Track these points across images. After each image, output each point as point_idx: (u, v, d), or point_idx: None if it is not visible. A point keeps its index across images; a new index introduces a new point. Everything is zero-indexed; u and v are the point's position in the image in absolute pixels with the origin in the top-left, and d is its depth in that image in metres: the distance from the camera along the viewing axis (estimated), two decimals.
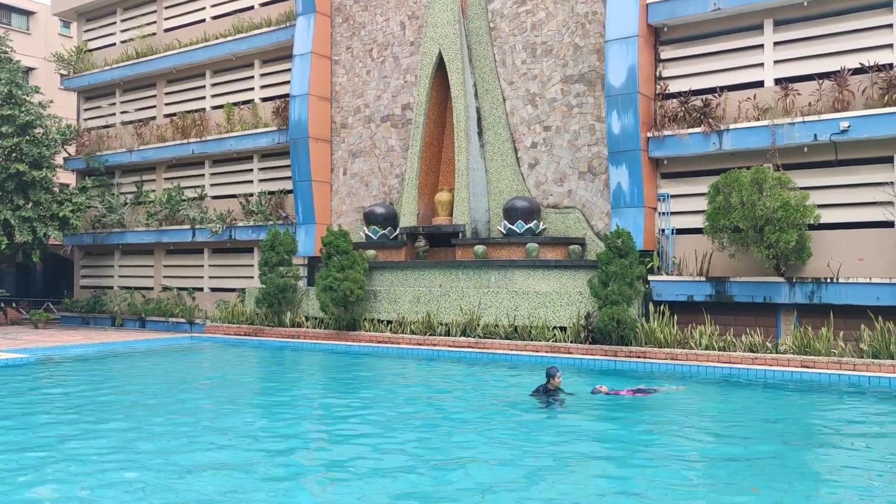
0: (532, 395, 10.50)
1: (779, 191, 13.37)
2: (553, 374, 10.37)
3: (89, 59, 26.73)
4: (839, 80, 14.03)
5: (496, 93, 18.34)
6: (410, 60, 19.79)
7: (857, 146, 14.01)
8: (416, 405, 10.64)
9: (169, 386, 12.75)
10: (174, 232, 23.59)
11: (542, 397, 10.30)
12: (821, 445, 8.49)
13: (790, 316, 14.15)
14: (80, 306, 25.49)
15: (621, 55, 15.67)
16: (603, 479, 7.04)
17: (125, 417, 9.76)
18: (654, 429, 9.27)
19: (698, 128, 15.22)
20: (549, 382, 10.36)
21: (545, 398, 10.26)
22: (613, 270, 14.20)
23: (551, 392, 10.31)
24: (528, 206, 17.05)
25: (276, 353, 17.19)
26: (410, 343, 16.60)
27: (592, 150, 16.98)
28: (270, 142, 21.60)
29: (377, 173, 20.28)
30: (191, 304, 23.26)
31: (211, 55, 23.17)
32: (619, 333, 14.35)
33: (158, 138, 24.49)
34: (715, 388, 12.21)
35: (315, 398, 11.83)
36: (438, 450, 8.04)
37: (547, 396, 10.28)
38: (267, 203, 21.84)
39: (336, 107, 21.10)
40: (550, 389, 10.32)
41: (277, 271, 19.04)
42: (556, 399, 10.23)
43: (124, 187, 25.98)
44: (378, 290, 18.11)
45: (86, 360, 15.91)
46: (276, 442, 8.42)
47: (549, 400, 10.21)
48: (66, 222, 23.37)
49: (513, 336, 15.77)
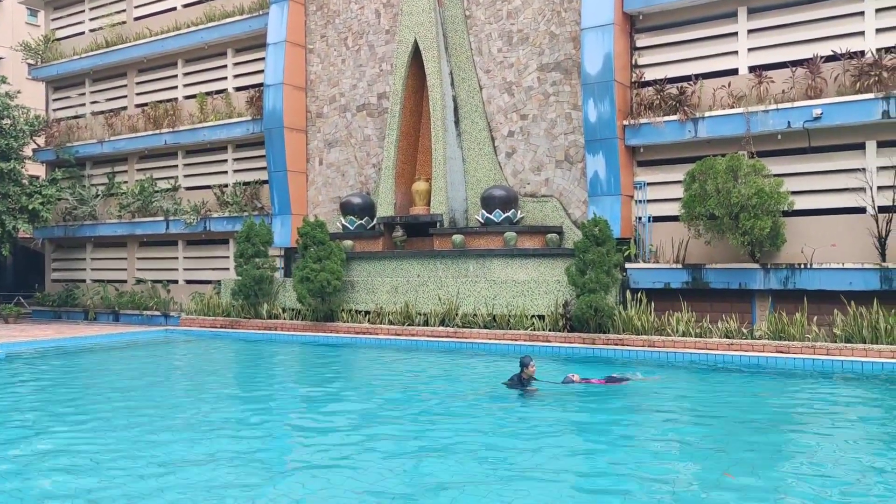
0: (506, 384, 10.41)
1: (753, 178, 13.47)
2: (527, 364, 10.23)
3: (57, 49, 26.22)
4: (812, 67, 14.15)
5: (472, 81, 18.27)
6: (386, 49, 19.64)
7: (829, 133, 14.16)
8: (391, 397, 10.57)
9: (143, 380, 12.59)
10: (147, 224, 23.28)
11: (517, 386, 10.24)
12: (794, 430, 8.58)
13: (765, 302, 14.30)
14: (51, 300, 25.09)
15: (597, 43, 15.67)
16: (578, 464, 7.07)
17: (97, 413, 9.61)
18: (628, 416, 9.32)
19: (674, 116, 15.29)
20: (523, 371, 10.22)
21: (519, 387, 10.20)
22: (591, 258, 14.25)
23: (525, 381, 10.22)
24: (506, 195, 17.04)
25: (252, 346, 17.05)
26: (389, 334, 16.55)
27: (569, 138, 16.99)
28: (245, 132, 21.36)
29: (353, 163, 20.15)
30: (165, 296, 22.99)
31: (182, 44, 22.82)
32: (597, 321, 14.41)
33: (130, 129, 24.11)
34: (691, 375, 12.31)
35: (290, 391, 11.74)
36: (414, 441, 8.01)
37: (521, 386, 10.22)
38: (242, 194, 21.62)
39: (311, 96, 20.91)
40: (524, 379, 10.23)
41: (253, 263, 18.88)
42: (531, 388, 10.17)
43: (95, 179, 25.56)
44: (356, 281, 18.02)
45: (58, 355, 15.66)
46: (249, 436, 8.34)
47: (523, 389, 10.15)
48: (37, 215, 22.96)
49: (491, 325, 15.78)
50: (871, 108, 13.44)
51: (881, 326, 12.52)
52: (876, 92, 13.39)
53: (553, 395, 10.15)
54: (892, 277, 12.93)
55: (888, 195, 13.58)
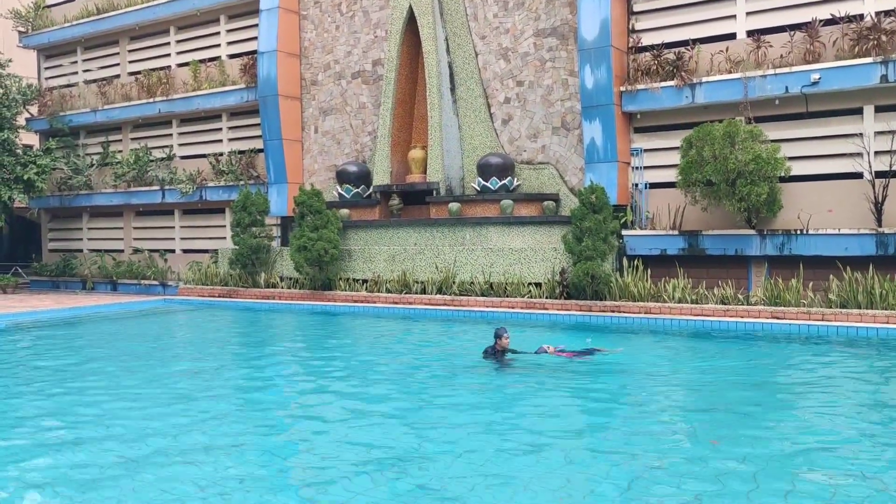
0: (483, 356, 10.19)
1: (750, 144, 13.43)
2: (500, 335, 10.00)
3: (48, 16, 25.87)
4: (810, 31, 14.02)
5: (468, 47, 18.09)
6: (380, 15, 19.41)
7: (827, 98, 14.08)
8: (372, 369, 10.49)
9: (145, 350, 12.66)
10: (143, 193, 23.20)
11: (492, 358, 10.04)
12: (788, 395, 8.68)
13: (761, 268, 14.35)
14: (49, 270, 25.10)
15: (594, 8, 15.49)
16: (565, 437, 7.14)
17: (102, 384, 9.68)
18: (615, 385, 9.27)
19: (671, 81, 15.17)
20: (497, 343, 10.03)
21: (494, 359, 10.01)
22: (587, 226, 14.25)
23: (499, 353, 10.03)
24: (502, 163, 16.98)
25: (250, 315, 17.12)
26: (387, 302, 16.61)
27: (566, 104, 16.88)
28: (239, 100, 21.19)
29: (349, 131, 20.03)
30: (163, 266, 23.00)
31: (175, 10, 22.52)
32: (594, 288, 14.47)
33: (123, 97, 23.90)
34: (688, 341, 12.40)
35: (287, 360, 11.81)
36: (392, 419, 8.08)
37: (495, 357, 10.02)
38: (237, 163, 21.52)
39: (305, 63, 20.71)
40: (499, 350, 10.03)
41: (250, 232, 18.87)
42: (506, 360, 10.00)
43: (90, 148, 25.40)
44: (353, 250, 18.03)
45: (57, 325, 15.73)
46: (236, 419, 8.43)
47: (498, 361, 9.97)
48: (32, 185, 22.86)
49: (488, 293, 15.83)
50: (869, 73, 13.35)
51: (876, 292, 12.58)
52: (874, 56, 13.28)
53: (527, 365, 9.91)
54: (888, 243, 12.96)
55: (885, 160, 13.55)
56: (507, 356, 10.10)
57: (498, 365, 9.95)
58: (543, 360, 10.06)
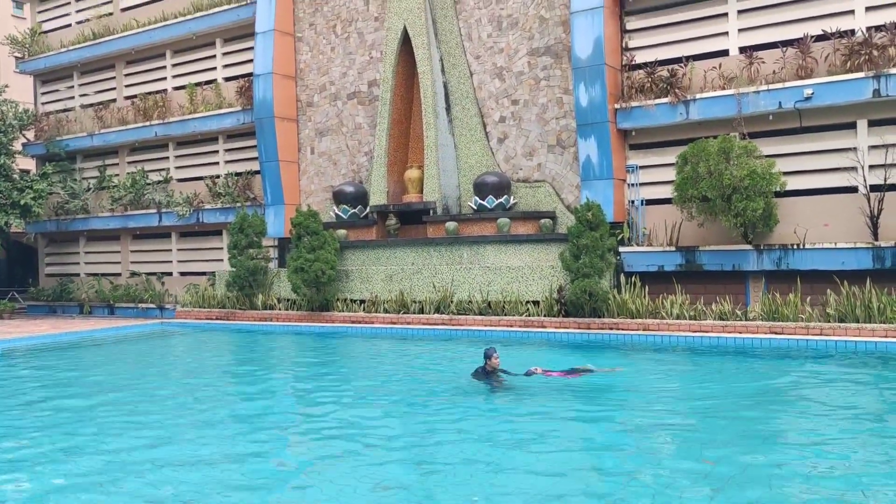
0: (472, 377, 9.97)
1: (745, 159, 13.48)
2: (490, 355, 9.76)
3: (45, 42, 26.01)
4: (802, 47, 14.12)
5: (463, 67, 18.18)
6: (375, 36, 19.52)
7: (820, 113, 14.14)
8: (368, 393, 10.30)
9: (140, 375, 12.58)
10: (140, 216, 23.20)
11: (482, 378, 9.81)
12: (787, 411, 8.63)
13: (759, 283, 14.34)
14: (46, 295, 25.04)
15: (587, 27, 15.59)
16: (556, 457, 7.09)
17: (97, 410, 9.61)
18: (612, 405, 9.20)
19: (665, 98, 15.24)
20: (487, 363, 9.79)
21: (484, 380, 9.79)
22: (584, 243, 14.25)
23: (490, 373, 9.80)
24: (499, 181, 17.01)
25: (248, 337, 17.04)
26: (384, 322, 16.56)
27: (561, 122, 16.94)
28: (235, 122, 21.26)
29: (345, 151, 20.07)
30: (160, 289, 22.95)
31: (171, 34, 22.65)
32: (592, 306, 14.44)
33: (120, 121, 23.98)
34: (686, 357, 12.35)
35: (282, 384, 11.73)
36: (383, 443, 8.01)
37: (486, 378, 9.79)
38: (234, 185, 21.55)
39: (301, 85, 20.79)
40: (489, 371, 9.80)
41: (247, 254, 18.85)
42: (496, 380, 9.77)
43: (86, 172, 25.42)
44: (350, 270, 18.01)
45: (53, 350, 15.64)
46: (242, 440, 8.37)
47: (488, 382, 9.75)
48: (28, 210, 22.86)
49: (486, 312, 15.80)
50: (861, 87, 13.42)
51: (874, 305, 12.57)
52: (866, 71, 13.36)
53: (518, 386, 9.73)
54: (885, 256, 12.97)
55: (880, 174, 13.59)
56: (497, 376, 9.88)
57: (490, 386, 9.73)
58: (535, 381, 9.89)
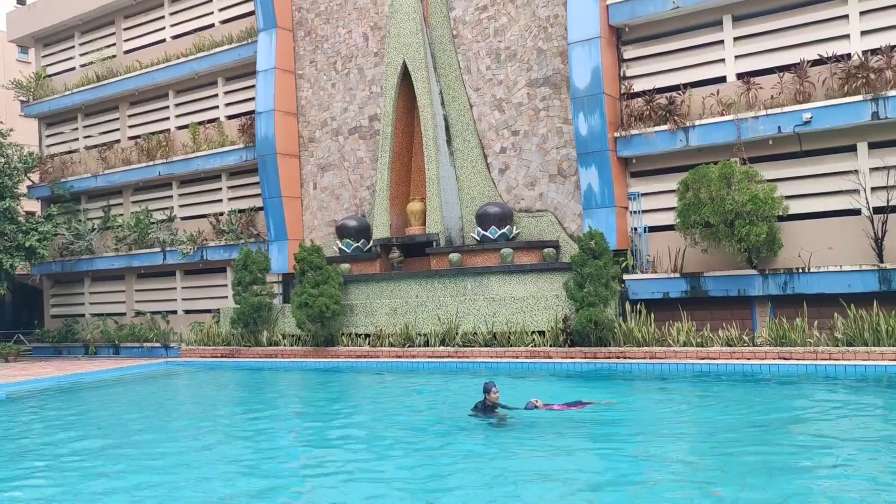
0: (472, 413, 9.77)
1: (746, 184, 13.48)
2: (489, 389, 9.59)
3: (49, 85, 26.33)
4: (799, 72, 14.19)
5: (463, 100, 18.31)
6: (375, 71, 19.71)
7: (820, 136, 14.17)
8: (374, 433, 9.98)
9: (146, 416, 12.50)
10: (144, 256, 23.26)
11: (481, 414, 9.63)
12: (800, 439, 8.49)
13: (765, 308, 14.25)
14: (51, 336, 25.03)
15: (585, 57, 15.72)
16: (559, 494, 6.99)
17: (103, 454, 9.53)
18: (615, 436, 9.06)
19: (664, 125, 15.30)
20: (487, 398, 9.61)
21: (483, 416, 9.60)
22: (588, 272, 14.21)
23: (489, 408, 9.63)
24: (501, 212, 17.03)
25: (254, 375, 16.95)
26: (389, 356, 16.48)
27: (561, 152, 17.00)
28: (238, 160, 21.40)
29: (347, 186, 20.15)
30: (165, 327, 22.93)
31: (173, 75, 22.91)
32: (598, 335, 14.35)
33: (124, 161, 24.16)
34: (694, 385, 12.23)
35: (285, 422, 11.59)
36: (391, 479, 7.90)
37: (486, 414, 9.61)
38: (237, 221, 21.62)
39: (303, 121, 20.96)
40: (489, 406, 9.62)
41: (251, 290, 18.84)
42: (496, 415, 9.60)
43: (91, 213, 25.57)
44: (354, 304, 17.97)
45: (59, 393, 15.58)
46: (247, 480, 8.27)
47: (488, 418, 9.56)
48: (33, 252, 22.95)
49: (492, 343, 15.71)
50: (860, 111, 13.45)
51: (882, 328, 12.46)
52: (864, 94, 13.41)
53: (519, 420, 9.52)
54: (891, 278, 12.89)
55: (882, 196, 13.56)
56: (497, 411, 9.69)
57: (491, 422, 9.52)
58: (536, 415, 9.71)
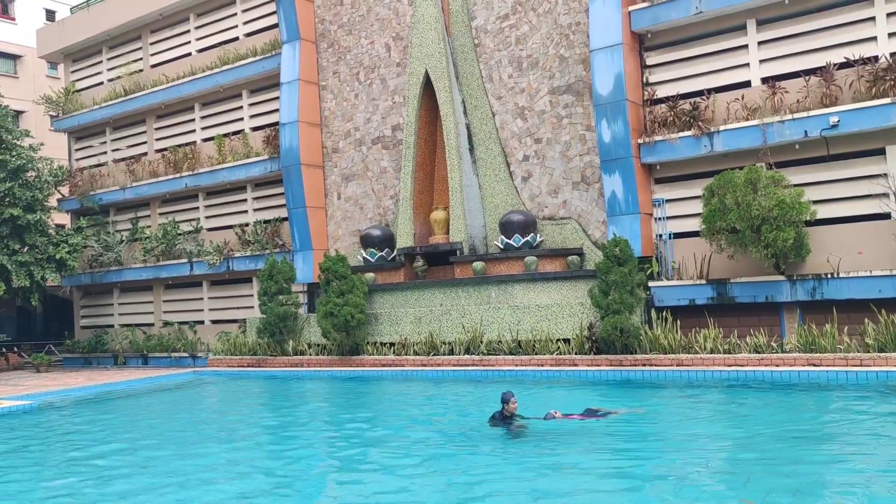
0: (490, 423, 9.68)
1: (773, 189, 13.33)
2: (507, 400, 9.48)
3: (78, 100, 26.80)
4: (825, 75, 14.04)
5: (485, 108, 18.35)
6: (398, 81, 19.82)
7: (848, 140, 13.99)
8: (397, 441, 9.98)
9: (174, 426, 12.63)
10: (172, 266, 23.54)
11: (499, 424, 9.53)
12: (831, 450, 8.35)
13: (793, 314, 14.07)
14: (81, 347, 25.40)
15: (607, 64, 15.68)
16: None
17: (134, 462, 9.65)
18: (641, 446, 8.96)
19: (688, 131, 15.21)
20: (504, 408, 9.51)
21: (502, 425, 9.51)
22: (613, 279, 14.13)
23: (507, 418, 9.52)
24: (524, 220, 17.01)
25: (280, 384, 17.06)
26: (414, 365, 16.50)
27: (585, 159, 16.96)
28: (263, 171, 21.60)
29: (371, 195, 20.26)
30: (192, 337, 23.16)
31: (199, 88, 23.22)
32: (623, 342, 14.26)
33: (151, 174, 24.50)
34: (722, 392, 12.10)
35: (311, 432, 11.59)
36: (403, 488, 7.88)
37: (503, 423, 9.51)
38: (263, 232, 21.81)
39: (326, 132, 21.12)
40: (506, 416, 9.52)
41: (277, 300, 18.97)
42: (514, 425, 9.48)
43: (119, 225, 25.95)
44: (379, 313, 18.02)
45: (89, 402, 15.79)
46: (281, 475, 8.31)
47: (506, 428, 9.46)
48: (64, 264, 23.31)
49: (517, 351, 15.67)
50: (888, 113, 13.27)
51: None
52: (893, 96, 13.23)
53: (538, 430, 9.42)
54: None
55: None
56: (515, 421, 9.59)
57: (510, 433, 9.43)
58: (554, 425, 9.59)
